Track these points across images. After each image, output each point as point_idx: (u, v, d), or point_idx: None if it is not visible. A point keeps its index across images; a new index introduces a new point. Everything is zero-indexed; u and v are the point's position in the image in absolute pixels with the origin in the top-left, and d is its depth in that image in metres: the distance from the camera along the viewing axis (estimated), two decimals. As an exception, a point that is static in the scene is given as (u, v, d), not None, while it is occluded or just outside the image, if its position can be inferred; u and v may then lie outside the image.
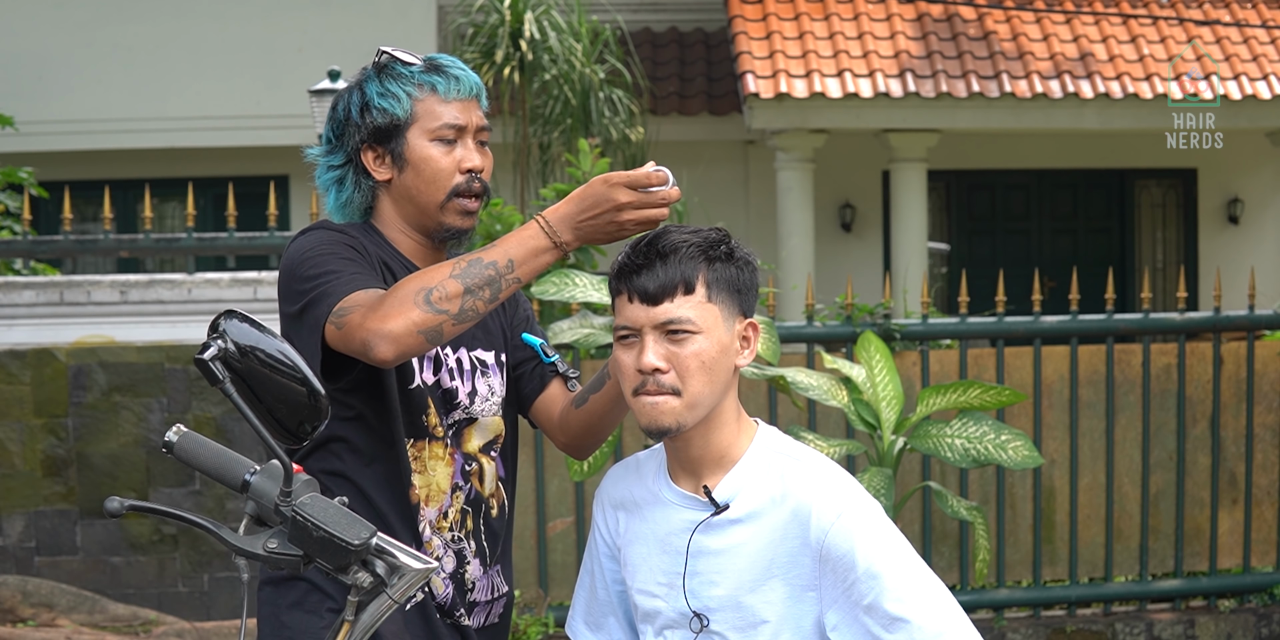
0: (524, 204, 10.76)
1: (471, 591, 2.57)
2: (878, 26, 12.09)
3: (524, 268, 2.31)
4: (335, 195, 2.61)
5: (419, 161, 2.54)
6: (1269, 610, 6.48)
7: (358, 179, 2.59)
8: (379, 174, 2.57)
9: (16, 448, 6.40)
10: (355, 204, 2.61)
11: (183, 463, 1.94)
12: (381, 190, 2.59)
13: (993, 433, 4.66)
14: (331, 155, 2.62)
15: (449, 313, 2.27)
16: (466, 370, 2.58)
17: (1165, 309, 12.87)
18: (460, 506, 2.56)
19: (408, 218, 2.58)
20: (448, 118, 2.55)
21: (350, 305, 2.33)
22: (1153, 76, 11.59)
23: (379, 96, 2.55)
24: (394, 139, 2.55)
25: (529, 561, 6.31)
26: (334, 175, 2.61)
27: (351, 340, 2.30)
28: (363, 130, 2.56)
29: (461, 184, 2.55)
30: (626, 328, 2.25)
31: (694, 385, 2.22)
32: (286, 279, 2.47)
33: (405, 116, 2.54)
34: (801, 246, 11.87)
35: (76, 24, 12.34)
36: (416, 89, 2.55)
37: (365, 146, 2.57)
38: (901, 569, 2.20)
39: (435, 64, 2.58)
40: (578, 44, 11.04)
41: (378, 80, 2.57)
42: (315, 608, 2.48)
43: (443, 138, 2.54)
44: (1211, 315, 6.45)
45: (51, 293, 6.60)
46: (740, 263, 2.28)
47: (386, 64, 2.58)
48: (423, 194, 2.55)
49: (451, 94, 2.56)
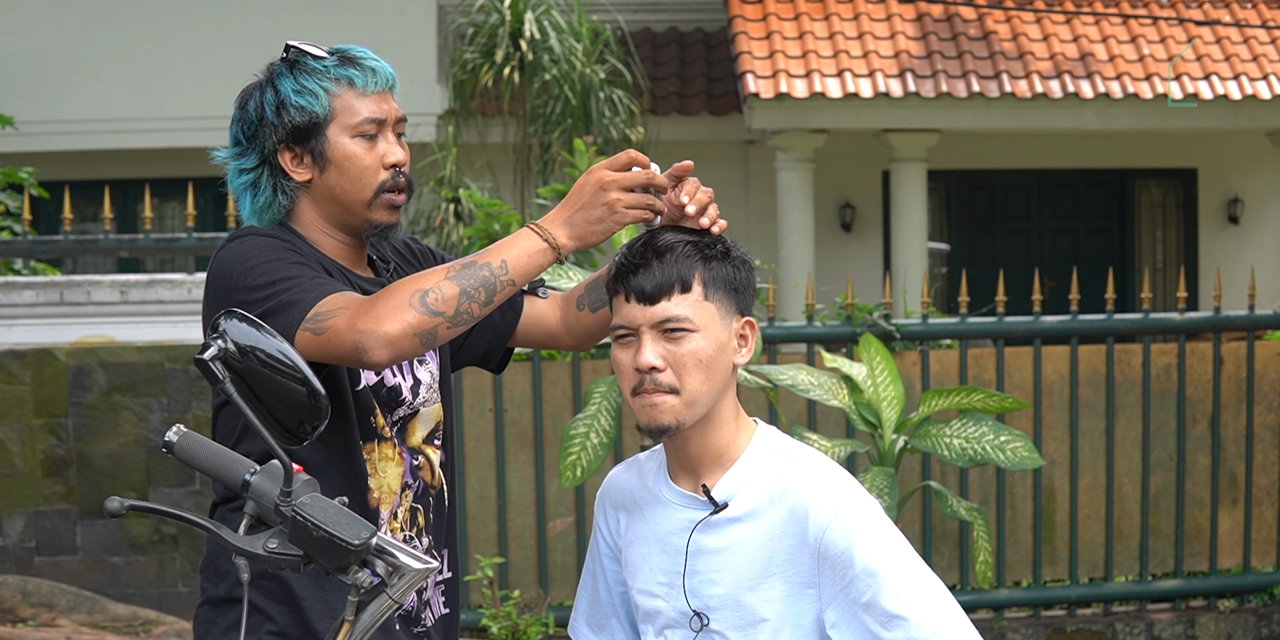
0: (524, 204, 10.76)
1: (425, 589, 2.53)
2: (878, 26, 12.09)
3: (518, 269, 2.27)
4: (251, 200, 2.50)
5: (342, 160, 2.45)
6: (1269, 610, 6.48)
7: (275, 181, 2.48)
8: (298, 175, 2.47)
9: (16, 448, 6.40)
10: (275, 207, 2.50)
11: (183, 463, 1.94)
12: (300, 191, 2.48)
13: (992, 433, 4.66)
14: (243, 158, 2.50)
15: (444, 315, 2.23)
16: (404, 365, 2.51)
17: (1165, 309, 12.87)
18: (409, 505, 2.52)
19: (331, 218, 2.49)
20: (367, 112, 2.46)
21: (329, 309, 2.26)
22: (1153, 76, 11.59)
23: (295, 94, 2.45)
24: (313, 138, 2.45)
25: (529, 561, 6.31)
26: (247, 179, 2.50)
27: (338, 344, 2.23)
28: (279, 130, 2.45)
29: (387, 180, 2.47)
30: (624, 327, 2.26)
31: (692, 383, 2.23)
32: (223, 290, 2.36)
33: (324, 113, 2.44)
34: (801, 246, 11.87)
35: (76, 24, 12.34)
36: (333, 84, 2.45)
37: (282, 147, 2.46)
38: (899, 567, 2.20)
39: (348, 56, 2.49)
40: (578, 44, 11.04)
41: (291, 76, 2.46)
42: (254, 629, 2.40)
43: (364, 133, 2.46)
44: (1211, 315, 6.45)
45: (51, 293, 6.60)
46: (736, 261, 2.29)
47: (296, 59, 2.48)
48: (348, 193, 2.45)
49: (370, 87, 2.47)
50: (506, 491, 6.26)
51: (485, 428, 6.26)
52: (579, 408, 6.22)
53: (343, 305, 2.26)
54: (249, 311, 2.22)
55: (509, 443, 6.27)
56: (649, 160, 2.31)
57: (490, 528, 6.27)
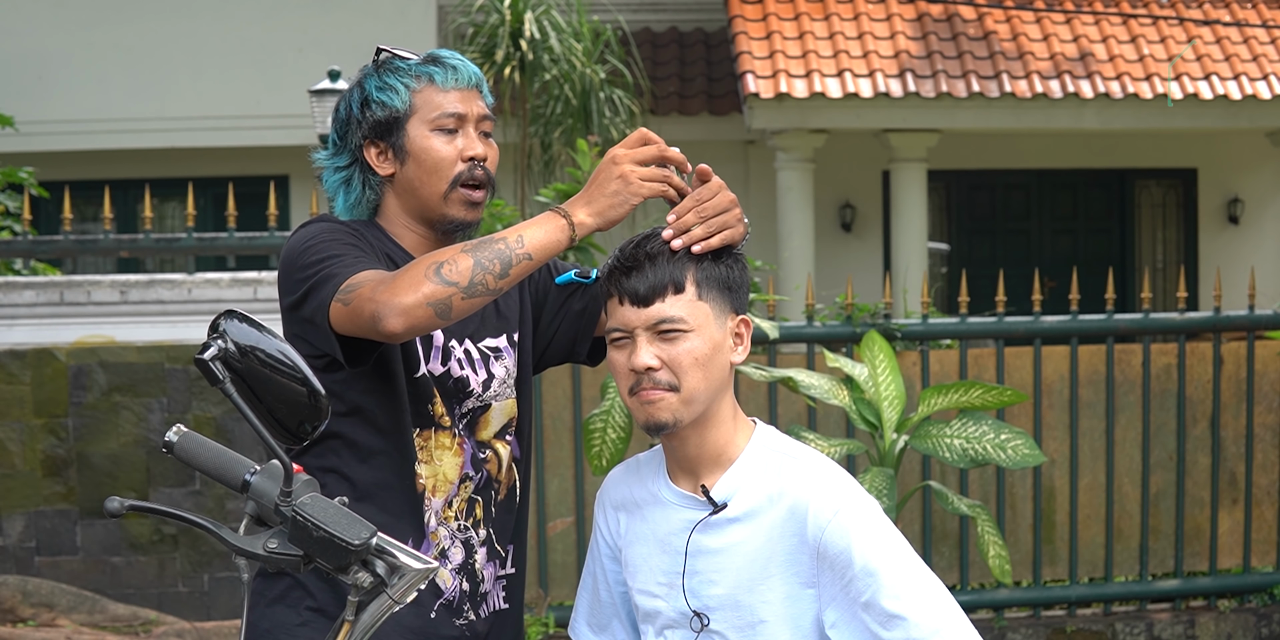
0: (525, 204, 10.76)
1: (482, 582, 2.54)
2: (878, 26, 12.09)
3: (534, 245, 2.29)
4: (344, 197, 2.59)
5: (419, 152, 2.51)
6: (1269, 610, 6.48)
7: (364, 177, 2.57)
8: (382, 169, 2.55)
9: (16, 448, 6.40)
10: (365, 203, 2.58)
11: (183, 463, 1.94)
12: (386, 186, 2.56)
13: (992, 432, 4.66)
14: (337, 157, 2.59)
15: (458, 285, 2.25)
16: (477, 359, 2.55)
17: (1165, 309, 12.87)
18: (468, 496, 2.53)
19: (411, 211, 2.55)
20: (447, 106, 2.52)
21: (357, 282, 2.31)
22: (1153, 76, 11.59)
23: (377, 90, 2.53)
24: (394, 132, 2.52)
25: (529, 562, 6.30)
26: (340, 177, 2.59)
27: (360, 314, 2.28)
28: (364, 126, 2.54)
29: (464, 172, 2.51)
30: (619, 330, 2.27)
31: (690, 381, 2.24)
32: (287, 270, 2.45)
33: (404, 108, 2.51)
34: (801, 246, 11.87)
35: (76, 24, 12.34)
36: (414, 80, 2.53)
37: (367, 142, 2.54)
38: (898, 566, 2.20)
39: (433, 56, 2.57)
40: (578, 44, 11.04)
41: (376, 76, 2.55)
42: (295, 604, 2.47)
43: (443, 127, 2.52)
44: (1211, 315, 6.45)
45: (51, 293, 6.60)
46: (729, 261, 2.30)
47: (385, 61, 2.57)
48: (425, 185, 2.52)
49: (450, 83, 2.53)
50: (506, 491, 6.25)
51: (485, 428, 6.25)
52: (579, 408, 6.23)
53: (369, 278, 2.31)
54: (304, 288, 2.38)
55: (509, 443, 6.26)
56: (661, 140, 2.33)
57: (490, 528, 6.26)
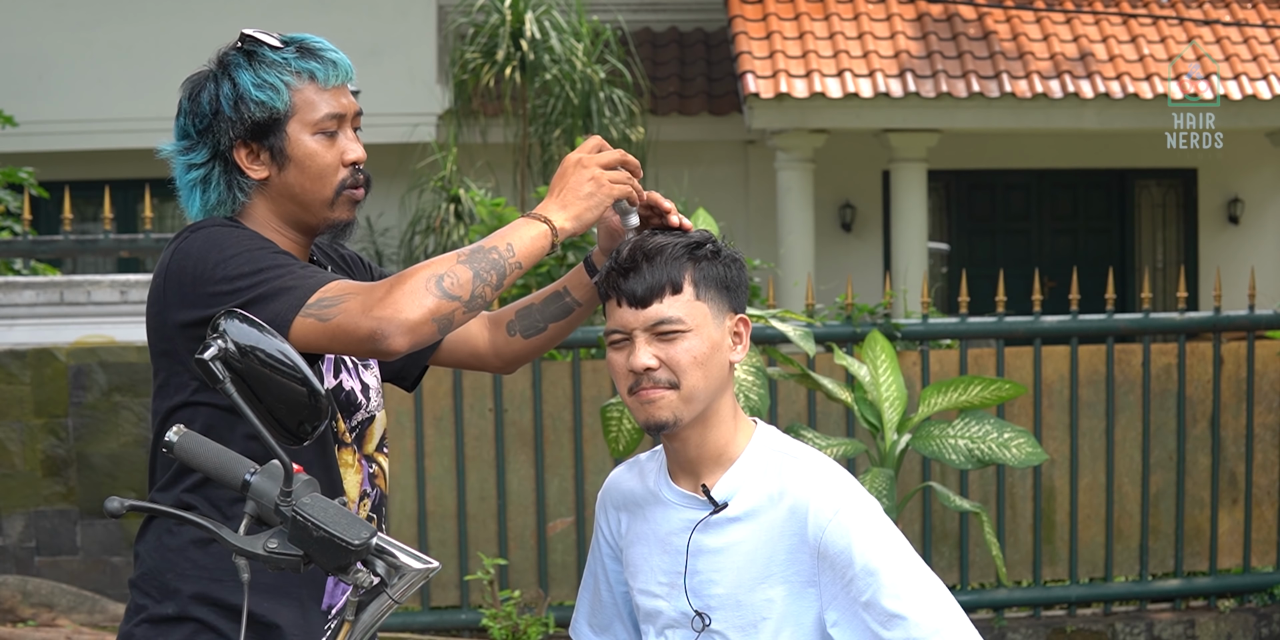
0: (524, 204, 10.76)
1: None
2: (878, 26, 12.09)
3: (523, 252, 2.23)
4: (200, 197, 2.38)
5: (303, 158, 2.35)
6: (1269, 610, 6.48)
7: (230, 178, 2.36)
8: (255, 173, 2.36)
9: (16, 448, 6.40)
10: (229, 205, 2.38)
11: (183, 462, 1.94)
12: (256, 189, 2.37)
13: (995, 431, 4.66)
14: (192, 152, 2.37)
15: (461, 299, 2.17)
16: (351, 368, 2.45)
17: (1165, 309, 12.87)
18: (367, 514, 2.45)
19: (286, 216, 2.38)
20: (329, 108, 2.36)
21: (335, 295, 2.17)
22: (1153, 76, 11.59)
23: (255, 88, 2.33)
24: (273, 134, 2.34)
25: (529, 562, 6.31)
26: (197, 175, 2.37)
27: (351, 331, 2.14)
28: (237, 126, 2.33)
29: (348, 178, 2.38)
30: (617, 331, 2.27)
31: (689, 380, 2.24)
32: (193, 282, 2.25)
33: (285, 109, 2.34)
34: (801, 246, 11.87)
35: (76, 24, 12.34)
36: (294, 77, 2.35)
37: (238, 143, 2.34)
38: (898, 566, 2.20)
39: (307, 47, 2.39)
40: (578, 44, 11.04)
41: (249, 69, 2.35)
42: None
43: (325, 130, 2.36)
44: (1211, 315, 6.45)
45: (51, 293, 6.60)
46: (726, 260, 2.30)
47: (253, 49, 2.37)
48: (308, 192, 2.36)
49: (330, 81, 2.37)
50: (506, 491, 6.26)
51: (485, 428, 6.25)
52: (579, 408, 6.23)
53: (351, 291, 2.18)
54: (232, 302, 2.17)
55: (509, 443, 6.27)
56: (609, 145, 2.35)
57: (490, 528, 6.27)
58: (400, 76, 12.17)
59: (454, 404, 6.20)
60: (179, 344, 2.29)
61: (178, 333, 2.28)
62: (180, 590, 2.31)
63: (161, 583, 2.33)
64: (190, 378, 2.29)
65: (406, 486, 6.23)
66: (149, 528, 2.39)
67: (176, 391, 2.33)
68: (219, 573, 2.30)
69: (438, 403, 6.22)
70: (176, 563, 2.33)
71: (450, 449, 6.22)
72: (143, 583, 2.36)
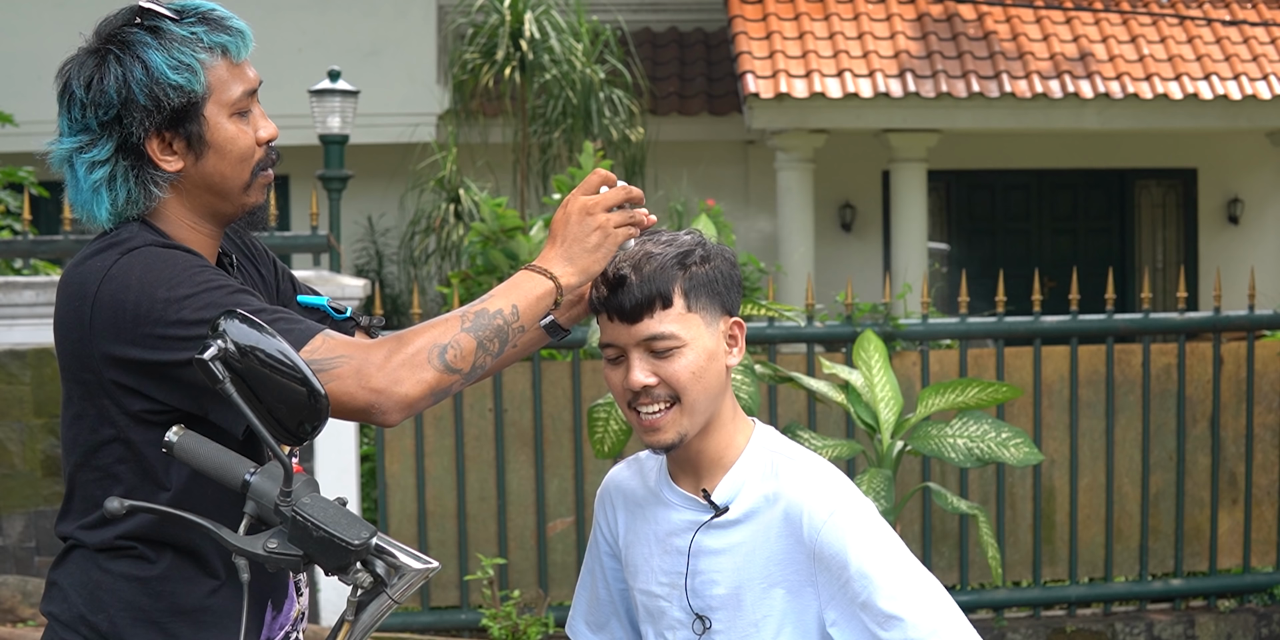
0: (524, 204, 10.77)
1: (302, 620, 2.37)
2: (878, 26, 12.10)
3: (528, 315, 2.11)
4: (108, 199, 2.11)
5: (223, 143, 2.11)
6: (1269, 610, 6.48)
7: (139, 174, 2.11)
8: (168, 164, 2.11)
9: (16, 448, 6.40)
10: (141, 204, 2.13)
11: (183, 462, 1.94)
12: (167, 182, 2.13)
13: (993, 431, 4.66)
14: (95, 149, 2.11)
15: (462, 372, 2.04)
16: None
17: (1165, 309, 12.87)
18: None
19: (201, 208, 2.16)
20: (243, 85, 2.13)
21: (326, 357, 1.99)
22: (1153, 76, 11.59)
23: (171, 71, 2.07)
24: (189, 120, 2.09)
25: (529, 562, 6.31)
26: (101, 174, 2.11)
27: (346, 403, 1.98)
28: (154, 115, 2.08)
29: (263, 159, 2.17)
30: (612, 346, 2.23)
31: (690, 395, 2.21)
32: (134, 319, 2.02)
33: (202, 91, 2.09)
34: (801, 246, 11.87)
35: (76, 24, 12.31)
36: (208, 54, 2.09)
37: (152, 133, 2.09)
38: (894, 567, 2.20)
39: (210, 17, 2.12)
40: (578, 44, 11.05)
41: (160, 48, 2.08)
42: None
43: (241, 110, 2.13)
44: (1211, 315, 6.45)
45: (51, 293, 6.59)
46: (716, 262, 2.24)
47: (156, 25, 2.10)
48: (228, 179, 2.14)
49: (241, 54, 2.13)
50: (506, 491, 6.26)
51: (485, 428, 6.26)
52: (579, 408, 6.23)
53: (341, 352, 2.00)
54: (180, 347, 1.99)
55: (509, 443, 6.27)
56: (615, 177, 2.25)
57: (490, 528, 6.27)
58: (400, 76, 12.18)
59: (454, 404, 6.21)
60: (106, 376, 2.07)
61: (107, 366, 2.06)
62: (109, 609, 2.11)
63: (97, 599, 2.12)
64: (120, 412, 2.08)
65: (406, 486, 6.23)
66: (70, 556, 2.16)
67: (102, 424, 2.11)
68: (157, 614, 2.12)
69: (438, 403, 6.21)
70: (107, 603, 2.12)
71: (450, 449, 6.23)
72: (70, 620, 2.13)
